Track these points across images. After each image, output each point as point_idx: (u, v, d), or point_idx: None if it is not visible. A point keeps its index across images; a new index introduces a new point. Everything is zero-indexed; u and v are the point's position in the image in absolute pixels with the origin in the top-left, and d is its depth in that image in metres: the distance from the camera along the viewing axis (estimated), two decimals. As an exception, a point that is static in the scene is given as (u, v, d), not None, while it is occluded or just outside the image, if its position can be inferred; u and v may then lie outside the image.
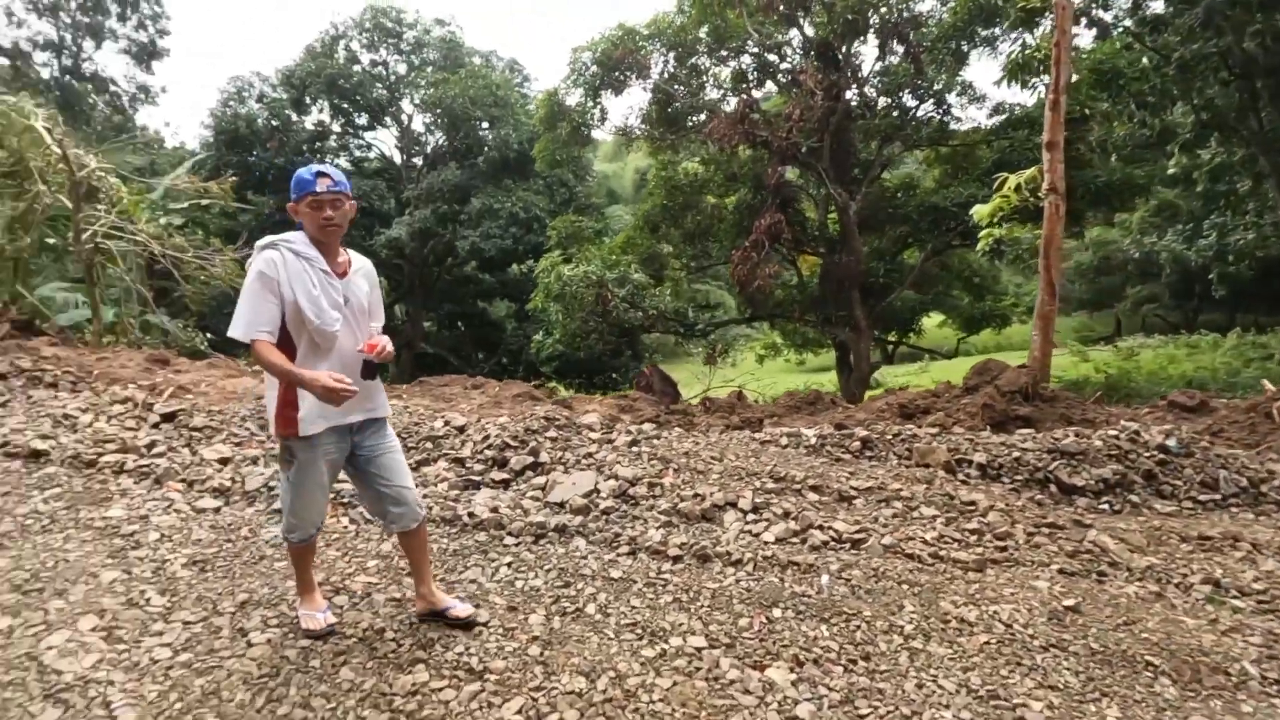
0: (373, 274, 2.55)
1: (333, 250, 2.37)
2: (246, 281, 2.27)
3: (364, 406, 2.41)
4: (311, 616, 2.56)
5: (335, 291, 2.31)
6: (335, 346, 2.32)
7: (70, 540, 3.25)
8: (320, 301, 2.25)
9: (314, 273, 2.27)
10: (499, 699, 2.26)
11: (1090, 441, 4.22)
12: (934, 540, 3.29)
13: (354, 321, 2.37)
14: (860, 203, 13.66)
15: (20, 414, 4.80)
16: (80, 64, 25.32)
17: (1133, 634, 2.60)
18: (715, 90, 15.59)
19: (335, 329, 2.28)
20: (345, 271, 2.39)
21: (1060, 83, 6.86)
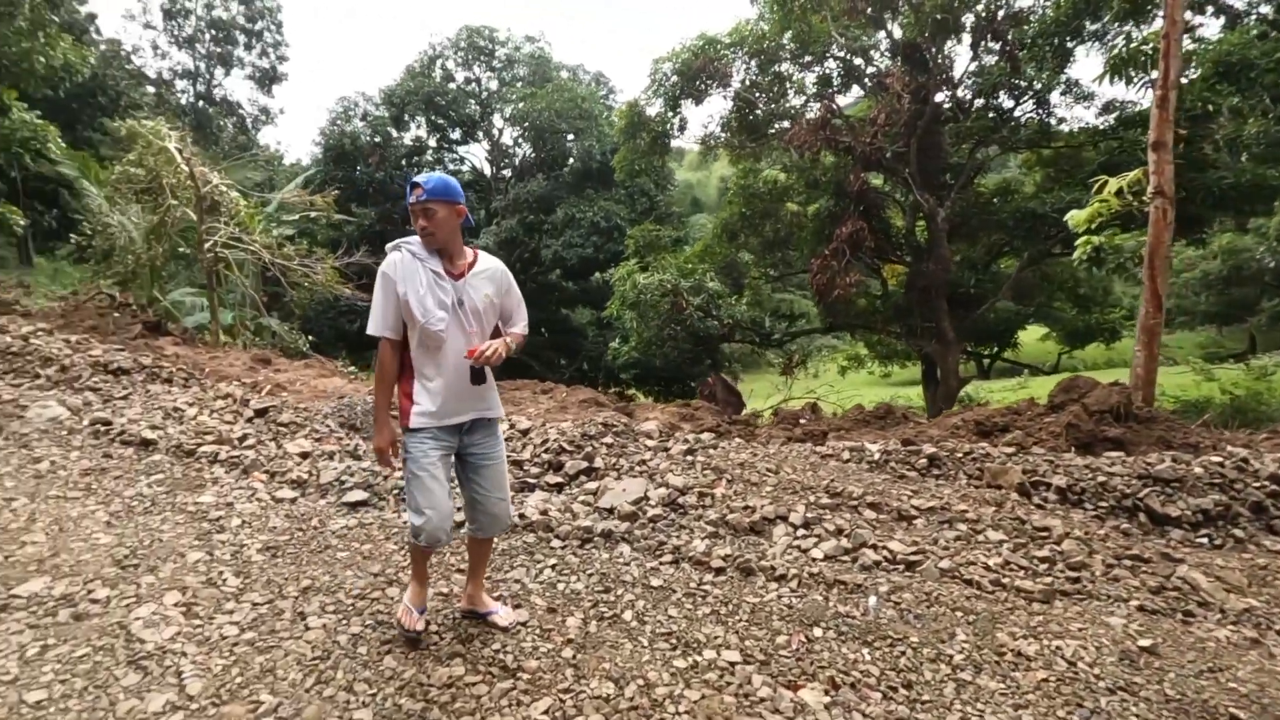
0: (500, 277, 2.52)
1: (450, 252, 2.40)
2: (376, 283, 2.39)
3: (475, 407, 2.47)
4: (410, 613, 2.57)
5: (444, 292, 2.35)
6: (444, 347, 2.36)
7: (166, 522, 3.57)
8: (426, 301, 2.31)
9: (425, 273, 2.33)
10: (529, 698, 2.30)
11: (1190, 468, 3.85)
12: (998, 566, 3.09)
13: (466, 323, 2.39)
14: (950, 209, 13.04)
15: (138, 406, 5.32)
16: (211, 90, 27.91)
17: (1218, 682, 2.35)
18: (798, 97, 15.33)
19: (438, 329, 2.31)
20: (462, 273, 2.41)
21: (1169, 77, 6.33)
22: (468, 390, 2.41)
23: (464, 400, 2.42)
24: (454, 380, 2.39)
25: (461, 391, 2.41)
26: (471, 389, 2.42)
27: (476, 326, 2.42)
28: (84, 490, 3.90)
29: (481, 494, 2.54)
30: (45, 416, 4.97)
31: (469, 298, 2.39)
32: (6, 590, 2.88)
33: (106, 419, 4.91)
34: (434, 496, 2.39)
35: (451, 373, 2.38)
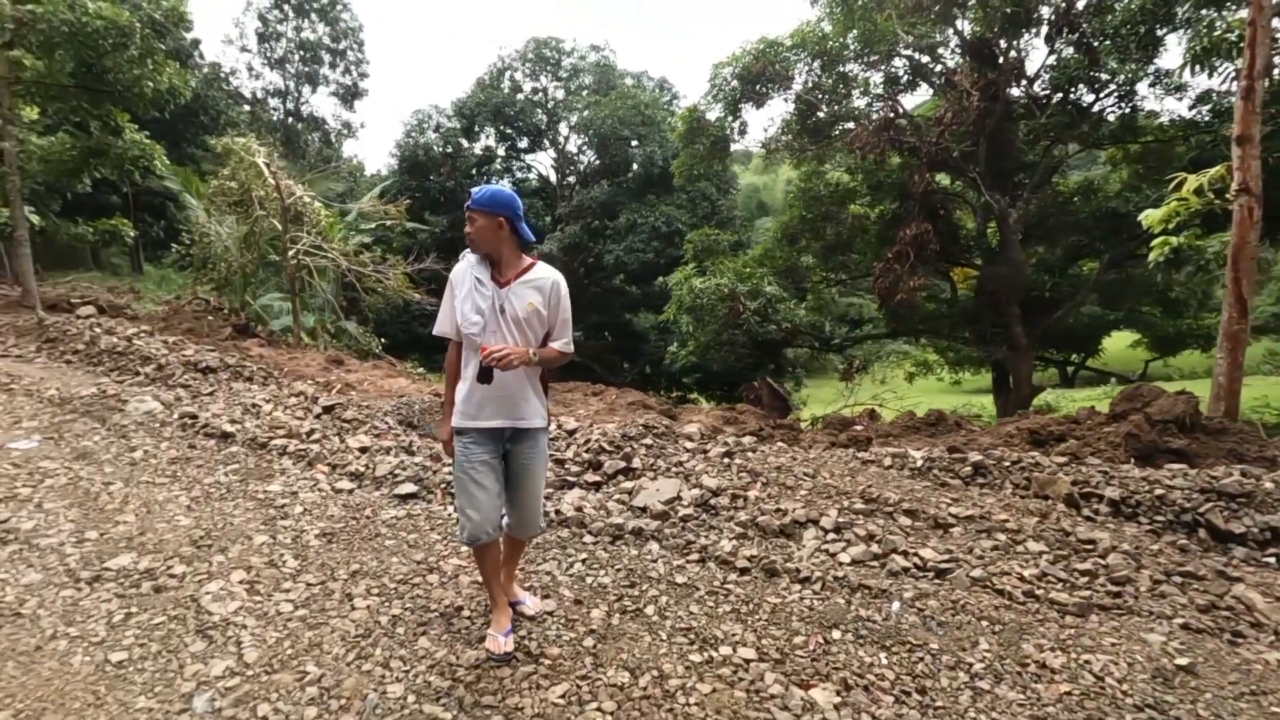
0: (549, 289, 2.51)
1: (501, 261, 2.48)
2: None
3: (509, 415, 2.49)
4: (495, 638, 2.59)
5: (484, 299, 2.42)
6: (478, 348, 2.42)
7: (237, 508, 3.90)
8: (464, 305, 2.42)
9: (470, 279, 2.44)
10: (548, 682, 2.42)
11: (1260, 483, 3.62)
12: (1033, 578, 3.01)
13: (505, 329, 2.44)
14: (1022, 209, 12.51)
15: (221, 401, 5.78)
16: (299, 107, 29.68)
17: (1259, 705, 2.23)
18: (862, 98, 15.04)
19: (473, 332, 2.41)
20: (509, 281, 2.46)
21: (1255, 66, 5.94)
22: (505, 394, 2.44)
23: (497, 405, 2.45)
24: (488, 386, 2.44)
25: (500, 396, 2.44)
26: (511, 393, 2.45)
27: (518, 334, 2.45)
28: (170, 477, 4.30)
29: (515, 498, 2.61)
30: (141, 410, 5.48)
31: (510, 305, 2.44)
32: (100, 563, 3.23)
33: (193, 413, 5.37)
34: (475, 499, 2.45)
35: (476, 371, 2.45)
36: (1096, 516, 3.64)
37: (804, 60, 14.77)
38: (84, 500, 3.92)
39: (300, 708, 2.30)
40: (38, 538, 3.47)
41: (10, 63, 12.45)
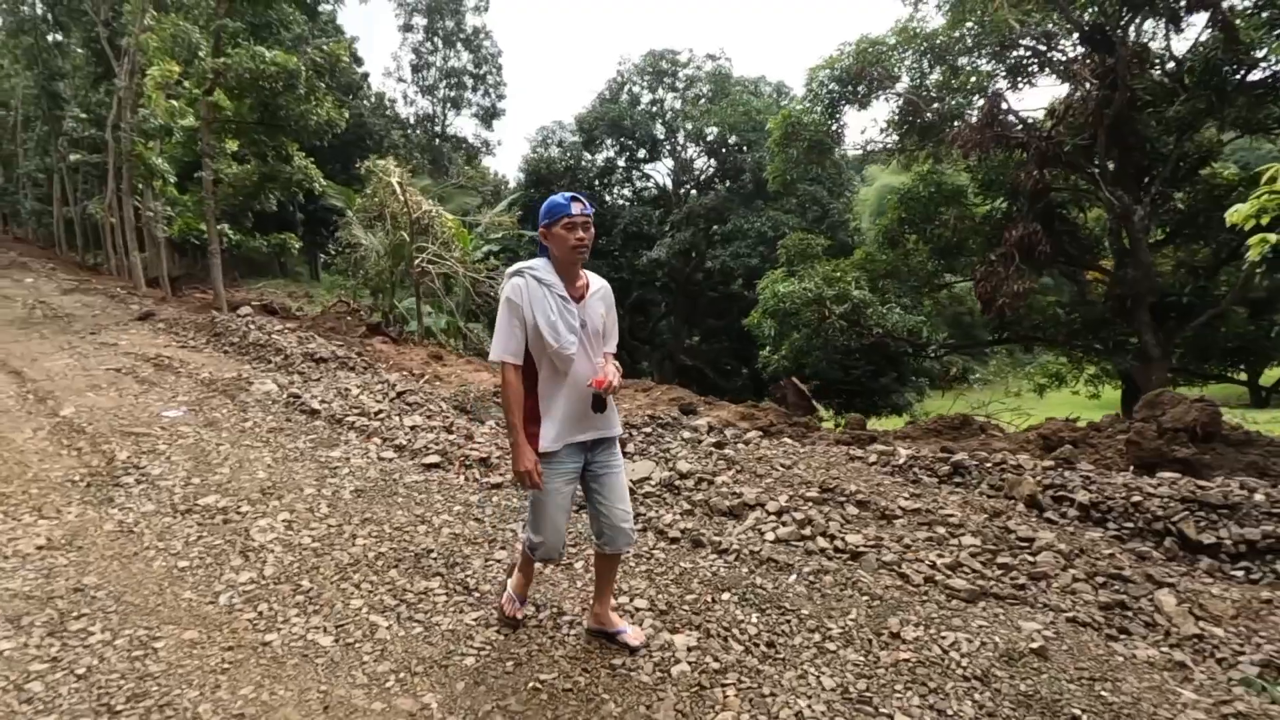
0: (609, 296, 2.54)
1: (574, 274, 2.40)
2: (500, 307, 2.39)
3: (597, 426, 2.47)
4: (513, 600, 2.77)
5: (572, 316, 2.35)
6: (572, 370, 2.37)
7: (303, 467, 4.81)
8: (558, 326, 2.31)
9: (553, 298, 2.33)
10: (470, 608, 2.96)
11: (1250, 495, 3.41)
12: (944, 566, 3.12)
13: (589, 345, 2.41)
14: (1149, 206, 11.37)
15: (322, 386, 6.92)
16: (445, 128, 32.68)
17: (1091, 689, 2.30)
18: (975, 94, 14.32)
19: (571, 352, 2.33)
20: (583, 295, 2.42)
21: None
22: (590, 414, 2.42)
23: (587, 420, 2.43)
24: (578, 404, 2.40)
25: (585, 414, 2.42)
26: (587, 408, 2.42)
27: (597, 346, 2.45)
28: (263, 442, 5.34)
29: (605, 504, 2.52)
30: (261, 390, 6.71)
31: (590, 319, 2.41)
32: (194, 501, 4.21)
33: (298, 394, 6.51)
34: (553, 521, 2.47)
35: (576, 396, 2.39)
36: (1059, 519, 3.60)
37: (911, 57, 14.36)
38: (199, 456, 5.02)
39: (287, 608, 3.01)
40: (160, 480, 4.55)
41: (209, 106, 15.03)
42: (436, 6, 31.25)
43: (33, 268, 21.34)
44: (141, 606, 3.04)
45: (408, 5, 31.47)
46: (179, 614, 2.97)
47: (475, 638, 2.75)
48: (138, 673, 2.54)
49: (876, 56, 13.79)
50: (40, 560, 3.46)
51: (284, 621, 2.90)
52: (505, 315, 2.35)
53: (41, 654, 2.65)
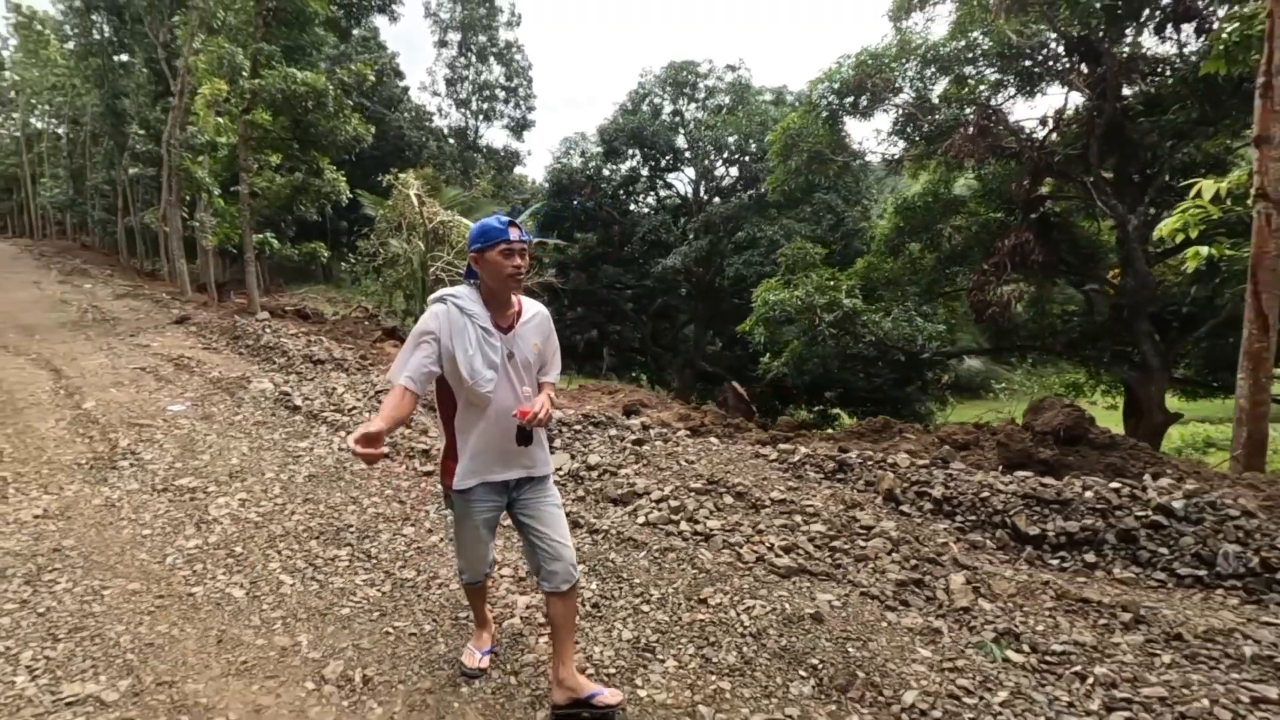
0: (545, 325, 2.42)
1: (504, 302, 2.29)
2: (411, 331, 2.26)
3: (521, 464, 2.36)
4: (471, 654, 2.67)
5: (493, 350, 2.23)
6: (491, 406, 2.25)
7: (272, 456, 5.44)
8: (474, 361, 2.19)
9: (474, 329, 2.21)
10: (366, 572, 3.48)
11: (1080, 492, 3.70)
12: (779, 548, 3.51)
13: (514, 378, 2.28)
14: (1142, 215, 11.31)
15: (311, 385, 7.59)
16: (476, 140, 33.80)
17: (843, 648, 2.68)
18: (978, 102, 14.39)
19: (486, 390, 2.21)
20: (512, 325, 2.31)
21: (1274, 61, 5.42)
22: (513, 449, 2.31)
23: (509, 458, 2.33)
24: (498, 439, 2.29)
25: (507, 450, 2.31)
26: (517, 449, 2.31)
27: (524, 378, 2.32)
28: (245, 434, 6.00)
29: (538, 537, 2.38)
30: (257, 388, 7.42)
31: (519, 350, 2.30)
32: (171, 481, 4.86)
33: (288, 392, 7.19)
34: (475, 552, 2.49)
35: (495, 431, 2.27)
36: (912, 511, 3.94)
37: (913, 67, 14.52)
38: (187, 444, 5.70)
39: (216, 569, 3.58)
40: (149, 464, 5.22)
41: (246, 124, 16.11)
42: (469, 23, 32.41)
43: (92, 274, 22.99)
44: (103, 564, 3.65)
45: (442, 23, 32.72)
46: (130, 570, 3.57)
47: (356, 594, 3.27)
48: (83, 612, 3.13)
49: (876, 68, 13.99)
50: (34, 527, 4.13)
51: (211, 579, 3.47)
52: (410, 338, 2.22)
53: (15, 597, 3.27)
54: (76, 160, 34.34)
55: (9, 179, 44.21)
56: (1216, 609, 2.89)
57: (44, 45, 34.25)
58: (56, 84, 34.30)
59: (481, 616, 2.76)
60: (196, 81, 17.04)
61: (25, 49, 37.49)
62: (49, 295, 17.60)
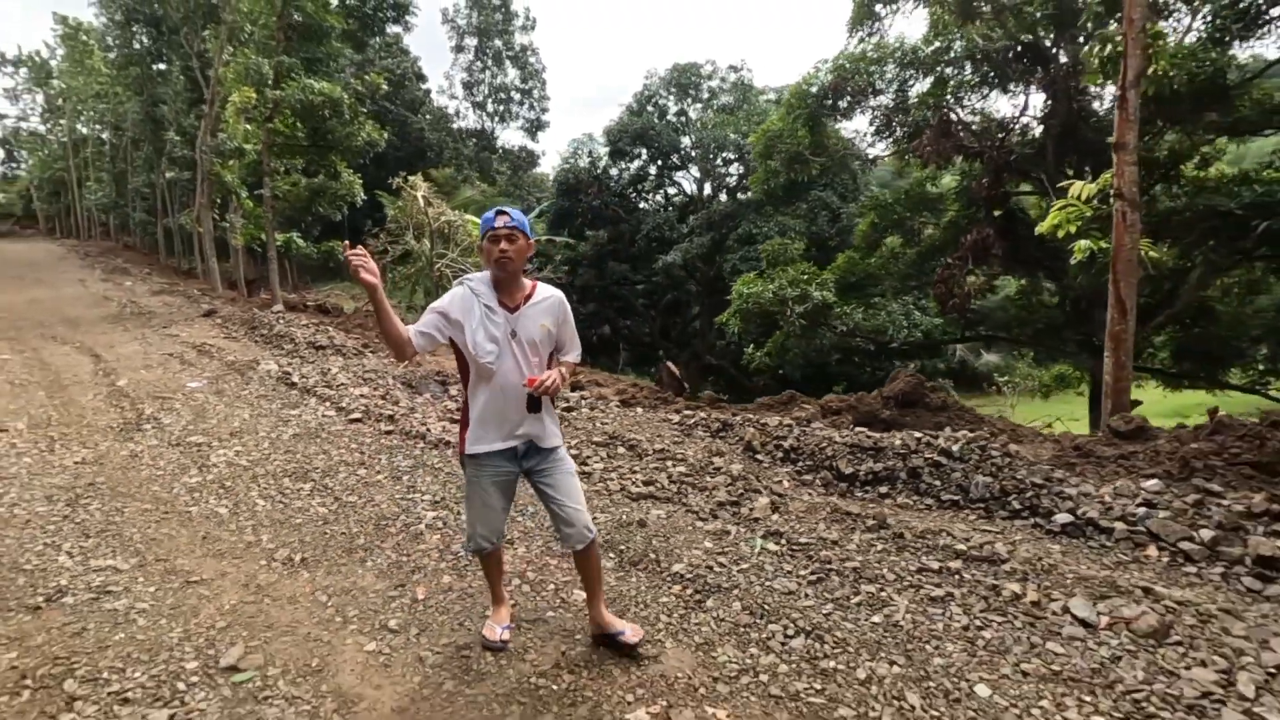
0: (558, 309, 2.57)
1: (510, 285, 2.47)
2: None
3: (529, 433, 2.53)
4: (491, 628, 2.75)
5: (495, 326, 2.41)
6: (496, 376, 2.43)
7: (267, 419, 6.51)
8: (477, 334, 2.38)
9: (479, 308, 2.41)
10: (305, 488, 4.50)
11: (892, 441, 4.56)
12: (641, 481, 4.43)
13: (519, 353, 2.45)
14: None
15: (310, 367, 8.69)
16: (493, 141, 35.00)
17: (648, 540, 3.60)
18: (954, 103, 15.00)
19: (486, 361, 2.39)
20: (518, 305, 2.47)
21: (1128, 77, 6.14)
22: (522, 418, 2.49)
23: (512, 427, 2.50)
24: (506, 408, 2.47)
25: (511, 420, 2.48)
26: (527, 417, 2.49)
27: (530, 356, 2.47)
28: (249, 404, 7.10)
29: (556, 505, 2.59)
30: (264, 369, 8.54)
31: (522, 329, 2.46)
32: (184, 439, 5.95)
33: (289, 372, 8.29)
34: (485, 516, 2.59)
35: (503, 401, 2.46)
36: (764, 458, 4.83)
37: (891, 69, 15.17)
38: (200, 412, 6.80)
39: (209, 495, 4.63)
40: (167, 427, 6.33)
41: (269, 131, 17.37)
42: (485, 28, 33.58)
43: (132, 272, 24.67)
44: (125, 493, 4.73)
45: (459, 28, 33.95)
46: (144, 497, 4.64)
47: (309, 511, 4.29)
48: (107, 523, 4.20)
49: (854, 71, 14.69)
50: (75, 469, 5.23)
51: (204, 502, 4.52)
52: (430, 308, 2.47)
53: (59, 514, 4.35)
54: (118, 165, 36.33)
55: (57, 183, 46.71)
56: (950, 520, 3.75)
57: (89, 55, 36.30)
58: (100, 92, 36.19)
59: (497, 592, 2.82)
60: (226, 91, 18.37)
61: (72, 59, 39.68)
62: (93, 292, 19.15)
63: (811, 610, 2.91)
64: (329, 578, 3.41)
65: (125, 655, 2.74)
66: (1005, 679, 2.43)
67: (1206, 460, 3.84)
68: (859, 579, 3.12)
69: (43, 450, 5.65)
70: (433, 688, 2.51)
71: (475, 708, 2.40)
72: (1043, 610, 2.83)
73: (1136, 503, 3.64)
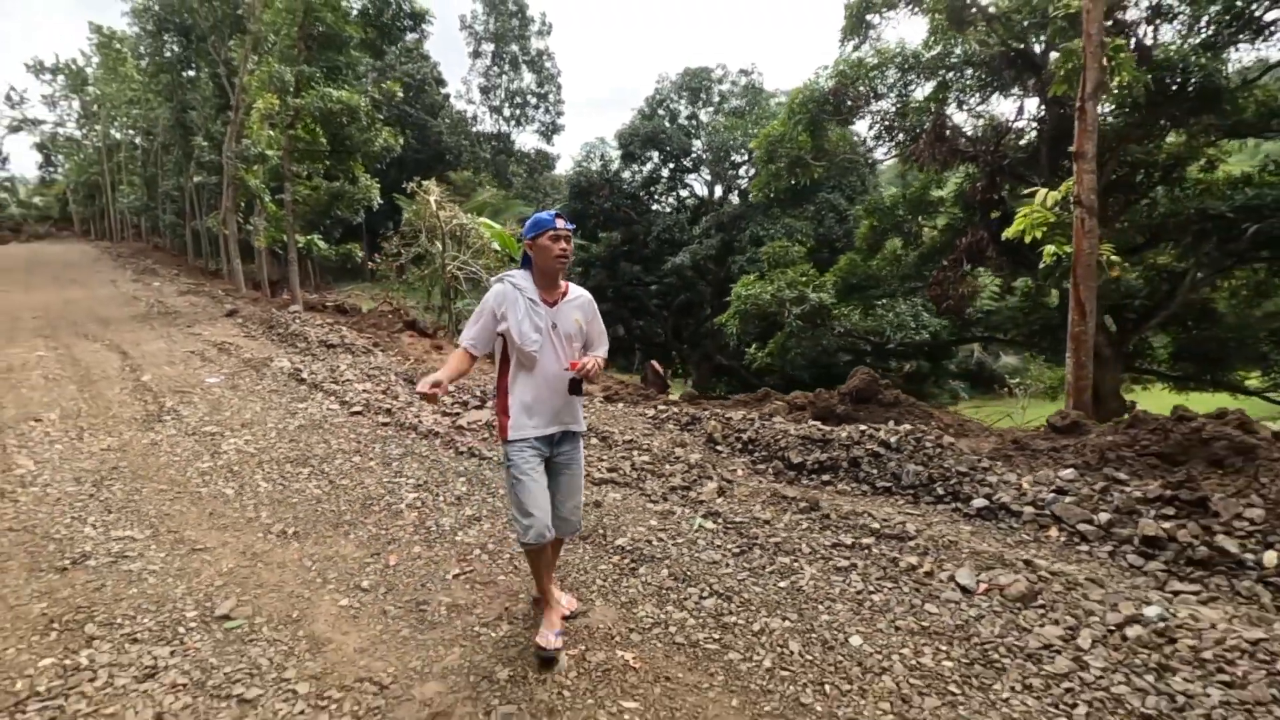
0: (588, 306, 2.83)
1: (552, 282, 2.71)
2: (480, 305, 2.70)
3: (563, 420, 2.73)
4: (545, 636, 2.73)
5: (539, 318, 2.63)
6: (538, 364, 2.63)
7: (276, 412, 7.02)
8: (523, 325, 2.60)
9: (523, 301, 2.63)
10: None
11: (839, 433, 4.91)
12: (605, 469, 4.83)
13: (558, 344, 2.67)
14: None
15: (320, 364, 9.22)
16: (509, 145, 35.64)
17: (600, 519, 4.00)
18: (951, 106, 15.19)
19: (532, 349, 2.60)
20: (556, 301, 2.71)
21: (1086, 89, 6.42)
22: (562, 403, 2.69)
23: (556, 413, 2.70)
24: (548, 394, 2.66)
25: (556, 405, 2.68)
26: (566, 401, 2.70)
27: (567, 348, 2.70)
28: (260, 398, 7.62)
29: (560, 498, 2.80)
30: (277, 366, 9.09)
31: (561, 322, 2.69)
32: (200, 429, 6.47)
33: (300, 369, 8.82)
34: (536, 499, 2.65)
35: (545, 387, 2.65)
36: (724, 449, 5.21)
37: (893, 74, 15.41)
38: (216, 405, 7.34)
39: (218, 478, 5.12)
40: (185, 418, 6.87)
41: (290, 138, 18.05)
42: (502, 33, 34.23)
43: (161, 273, 25.63)
44: (145, 476, 5.25)
45: (477, 34, 34.63)
46: (161, 479, 5.15)
47: (305, 492, 4.76)
48: (127, 501, 4.70)
49: (855, 76, 14.96)
50: (102, 455, 5.77)
51: (213, 484, 5.02)
52: (478, 312, 2.70)
53: (85, 493, 4.87)
54: (150, 169, 37.55)
55: (92, 186, 48.31)
56: (879, 504, 4.11)
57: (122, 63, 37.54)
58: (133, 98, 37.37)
59: (547, 592, 2.84)
60: (251, 98, 19.11)
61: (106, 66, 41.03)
62: (123, 292, 20.02)
63: (729, 577, 3.30)
64: (315, 547, 3.86)
65: (136, 606, 3.21)
66: (879, 632, 2.80)
67: (1119, 452, 4.15)
68: (778, 552, 3.50)
69: (72, 438, 6.21)
70: (391, 634, 2.94)
71: (424, 649, 2.82)
72: (931, 579, 3.19)
73: (1050, 489, 3.97)
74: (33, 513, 4.41)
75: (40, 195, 56.49)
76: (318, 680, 2.63)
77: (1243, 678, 2.37)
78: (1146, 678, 2.42)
